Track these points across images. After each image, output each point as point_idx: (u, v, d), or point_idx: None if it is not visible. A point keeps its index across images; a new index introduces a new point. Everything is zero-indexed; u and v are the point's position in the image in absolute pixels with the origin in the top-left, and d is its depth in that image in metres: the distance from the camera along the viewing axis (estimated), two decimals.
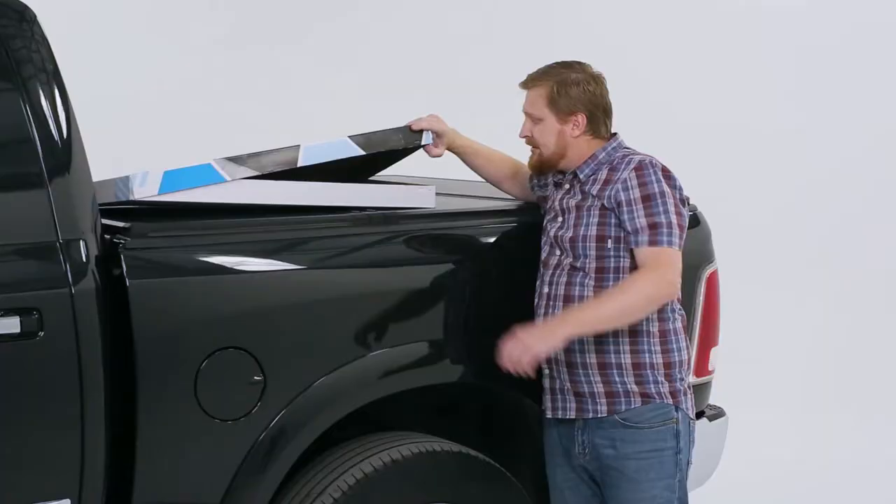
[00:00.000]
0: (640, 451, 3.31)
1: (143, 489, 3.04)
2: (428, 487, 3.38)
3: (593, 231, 3.32)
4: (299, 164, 3.42)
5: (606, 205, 3.32)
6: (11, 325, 2.84)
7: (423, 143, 3.62)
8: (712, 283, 3.87)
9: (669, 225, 3.28)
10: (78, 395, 2.92)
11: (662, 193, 3.29)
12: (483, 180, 3.81)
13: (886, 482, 5.86)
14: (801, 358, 6.99)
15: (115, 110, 6.73)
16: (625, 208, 3.29)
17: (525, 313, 3.42)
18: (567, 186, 3.44)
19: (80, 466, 2.94)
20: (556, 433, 3.44)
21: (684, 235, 3.34)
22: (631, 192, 3.30)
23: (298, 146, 3.43)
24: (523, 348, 3.21)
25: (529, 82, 3.45)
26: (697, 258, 3.83)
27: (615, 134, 3.47)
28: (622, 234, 3.31)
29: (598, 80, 3.45)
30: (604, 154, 3.40)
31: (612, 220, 3.31)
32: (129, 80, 7.12)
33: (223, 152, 3.39)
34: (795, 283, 7.13)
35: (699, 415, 3.81)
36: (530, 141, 3.47)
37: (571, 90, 3.39)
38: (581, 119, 3.40)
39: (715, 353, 3.88)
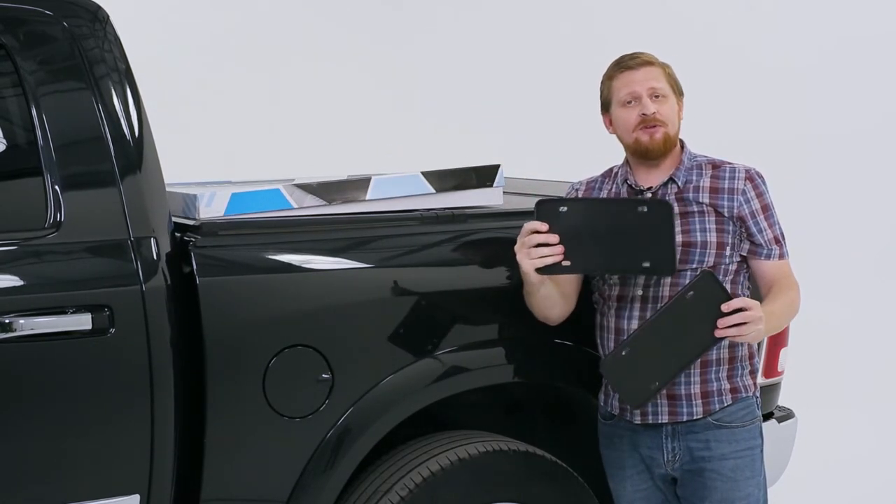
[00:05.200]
0: (736, 451, 3.27)
1: (211, 485, 3.06)
2: (494, 486, 3.37)
3: (713, 238, 3.23)
4: (367, 198, 3.40)
5: (726, 213, 3.24)
6: (83, 321, 2.86)
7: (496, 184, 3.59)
8: None
9: (784, 237, 3.31)
10: (148, 391, 2.94)
11: (772, 204, 3.30)
12: (554, 180, 3.78)
13: None
14: (867, 357, 6.92)
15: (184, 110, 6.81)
16: (750, 220, 3.25)
17: (593, 312, 3.41)
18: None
19: (149, 462, 2.96)
20: (628, 443, 3.34)
21: None
22: (752, 203, 3.27)
23: (369, 179, 3.41)
24: (757, 320, 3.07)
25: (643, 61, 3.29)
26: None
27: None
28: (735, 242, 3.25)
29: None
30: (687, 159, 3.32)
31: (730, 228, 3.23)
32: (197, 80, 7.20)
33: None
34: (865, 281, 7.06)
35: (768, 416, 3.78)
36: (653, 118, 3.25)
37: (674, 73, 3.34)
38: (682, 104, 3.34)
39: (784, 354, 3.84)
